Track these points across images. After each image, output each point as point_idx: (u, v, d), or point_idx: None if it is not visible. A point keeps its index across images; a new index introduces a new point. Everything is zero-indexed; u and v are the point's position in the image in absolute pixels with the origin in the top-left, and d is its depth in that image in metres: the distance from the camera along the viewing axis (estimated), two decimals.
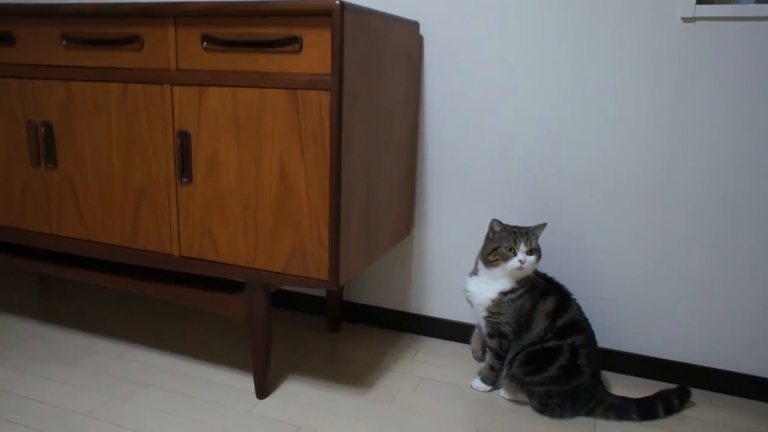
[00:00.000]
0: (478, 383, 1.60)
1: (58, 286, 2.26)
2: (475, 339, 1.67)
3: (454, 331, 1.87)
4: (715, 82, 1.48)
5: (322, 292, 2.03)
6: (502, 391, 1.57)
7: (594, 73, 1.58)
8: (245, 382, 1.60)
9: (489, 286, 1.51)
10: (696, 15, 1.45)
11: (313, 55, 1.27)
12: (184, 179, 1.44)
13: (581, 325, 1.48)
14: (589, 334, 1.50)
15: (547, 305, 1.48)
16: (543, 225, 1.52)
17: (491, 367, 1.56)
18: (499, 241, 1.48)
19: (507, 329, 1.50)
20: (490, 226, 1.52)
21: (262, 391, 1.53)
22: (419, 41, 1.70)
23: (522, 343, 1.49)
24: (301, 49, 1.28)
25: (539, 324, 1.47)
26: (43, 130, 1.57)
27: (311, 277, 1.38)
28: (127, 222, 1.53)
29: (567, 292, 1.53)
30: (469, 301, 1.57)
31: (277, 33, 1.29)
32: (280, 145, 1.34)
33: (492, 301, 1.50)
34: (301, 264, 1.38)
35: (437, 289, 1.88)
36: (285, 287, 2.07)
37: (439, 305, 1.89)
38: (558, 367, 1.44)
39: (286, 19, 1.27)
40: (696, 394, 1.59)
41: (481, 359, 1.65)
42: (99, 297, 2.16)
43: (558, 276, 1.58)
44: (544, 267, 1.58)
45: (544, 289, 1.50)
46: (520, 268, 1.45)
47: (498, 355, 1.54)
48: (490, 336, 1.53)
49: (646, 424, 1.47)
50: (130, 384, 1.57)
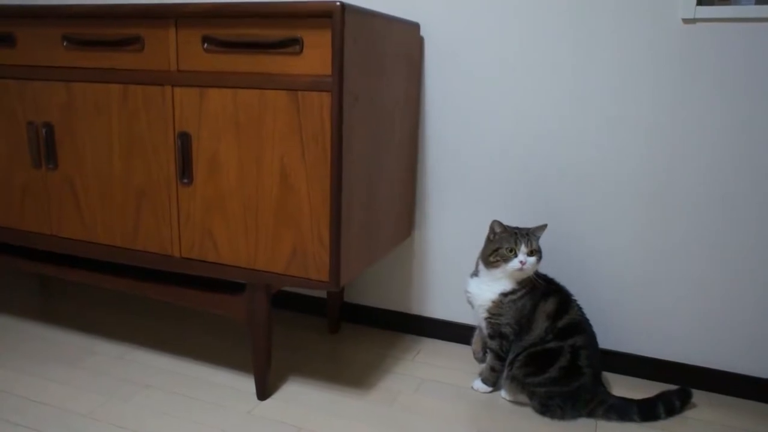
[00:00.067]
0: (478, 384, 1.60)
1: (58, 287, 2.26)
2: (475, 340, 1.67)
3: (455, 332, 1.87)
4: (715, 83, 1.48)
5: (322, 294, 2.03)
6: (503, 392, 1.57)
7: (594, 74, 1.58)
8: (246, 384, 1.60)
9: (490, 287, 1.50)
10: (696, 16, 1.45)
11: (314, 56, 1.27)
12: (185, 180, 1.44)
13: (582, 326, 1.48)
14: (590, 335, 1.50)
15: (548, 306, 1.48)
16: (544, 226, 1.52)
17: (492, 368, 1.56)
18: (500, 242, 1.48)
19: (508, 330, 1.50)
20: (491, 228, 1.52)
21: (263, 392, 1.53)
22: (420, 42, 1.70)
23: (523, 344, 1.49)
24: (301, 51, 1.28)
25: (540, 325, 1.47)
26: (43, 131, 1.57)
27: (312, 279, 1.38)
28: (128, 223, 1.53)
29: (568, 293, 1.53)
30: (469, 302, 1.57)
31: (277, 34, 1.29)
32: (280, 146, 1.33)
33: (493, 302, 1.50)
34: (302, 265, 1.38)
35: (438, 290, 1.88)
36: (286, 288, 2.07)
37: (439, 306, 1.89)
38: (559, 368, 1.44)
39: (286, 20, 1.27)
40: (697, 395, 1.58)
41: (482, 360, 1.65)
42: (99, 298, 2.16)
43: (558, 276, 1.58)
44: (545, 268, 1.58)
45: (544, 290, 1.50)
46: (520, 269, 1.45)
47: (499, 356, 1.54)
48: (491, 337, 1.53)
49: (647, 425, 1.47)
50: (131, 385, 1.57)
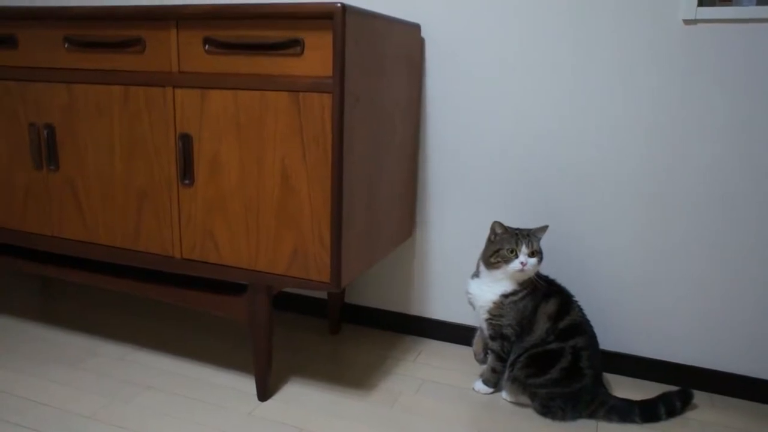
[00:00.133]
0: (480, 385, 1.60)
1: (59, 288, 2.26)
2: (476, 341, 1.67)
3: (456, 333, 1.87)
4: (715, 83, 1.48)
5: (323, 295, 2.03)
6: (504, 394, 1.57)
7: (594, 74, 1.58)
8: (247, 385, 1.60)
9: (491, 288, 1.50)
10: (697, 17, 1.45)
11: (315, 57, 1.27)
12: (186, 181, 1.44)
13: (583, 327, 1.48)
14: (591, 336, 1.49)
15: (549, 307, 1.48)
16: (545, 227, 1.52)
17: (493, 370, 1.56)
18: (501, 243, 1.48)
19: (509, 331, 1.50)
20: (492, 228, 1.52)
21: (264, 393, 1.53)
22: (421, 43, 1.70)
23: (524, 345, 1.49)
24: (302, 52, 1.28)
25: (541, 326, 1.47)
26: (45, 132, 1.57)
27: (313, 279, 1.38)
28: (129, 224, 1.54)
29: (569, 294, 1.53)
30: (470, 304, 1.57)
31: (278, 36, 1.29)
32: (281, 148, 1.34)
33: (494, 303, 1.50)
34: (303, 266, 1.38)
35: (439, 291, 1.88)
36: (287, 289, 2.07)
37: (440, 307, 1.89)
38: (560, 369, 1.44)
39: (287, 21, 1.28)
40: (698, 395, 1.58)
41: (483, 361, 1.65)
42: (101, 299, 2.16)
43: (558, 276, 1.58)
44: (545, 268, 1.58)
45: (545, 292, 1.50)
46: (521, 270, 1.45)
47: (500, 358, 1.54)
48: (492, 338, 1.53)
49: (648, 426, 1.47)
50: (132, 386, 1.57)
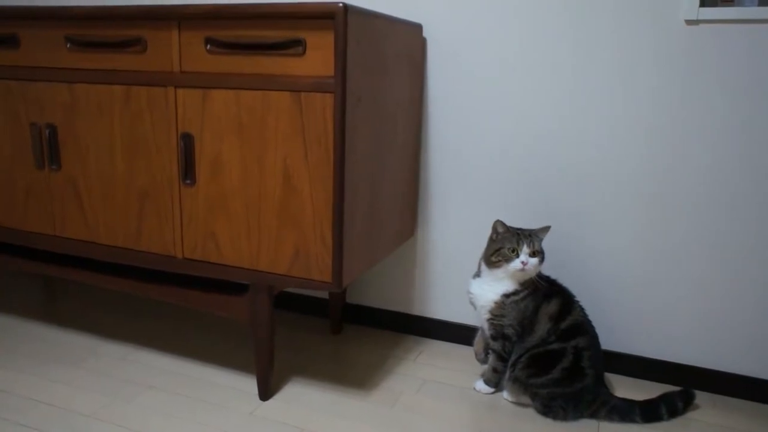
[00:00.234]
0: (481, 385, 1.60)
1: (61, 288, 2.26)
2: (477, 341, 1.67)
3: (458, 333, 1.87)
4: (716, 84, 1.48)
5: (325, 294, 2.03)
6: (505, 394, 1.57)
7: (594, 74, 1.58)
8: (248, 384, 1.60)
9: (492, 288, 1.50)
10: (699, 17, 1.45)
11: (317, 57, 1.27)
12: (188, 181, 1.44)
13: (585, 328, 1.48)
14: (593, 337, 1.49)
15: (551, 307, 1.48)
16: (547, 228, 1.52)
17: (494, 369, 1.56)
18: (502, 242, 1.48)
19: (510, 331, 1.50)
20: (494, 227, 1.52)
21: (265, 393, 1.53)
22: (422, 43, 1.70)
23: (525, 345, 1.49)
24: (304, 52, 1.28)
25: (542, 326, 1.47)
26: (46, 132, 1.57)
27: (314, 279, 1.38)
28: (131, 224, 1.54)
29: (570, 294, 1.53)
30: (472, 303, 1.57)
31: (280, 36, 1.29)
32: (283, 147, 1.34)
33: (495, 303, 1.50)
34: (305, 266, 1.38)
35: (440, 291, 1.88)
36: (288, 289, 2.07)
37: (442, 307, 1.89)
38: (561, 370, 1.44)
39: (289, 21, 1.28)
40: (699, 396, 1.58)
41: (484, 361, 1.65)
42: (102, 299, 2.16)
43: (558, 276, 1.58)
44: (545, 268, 1.58)
45: (547, 292, 1.50)
46: (522, 270, 1.45)
47: (501, 357, 1.54)
48: (494, 338, 1.53)
49: (650, 426, 1.47)
50: (134, 386, 1.57)
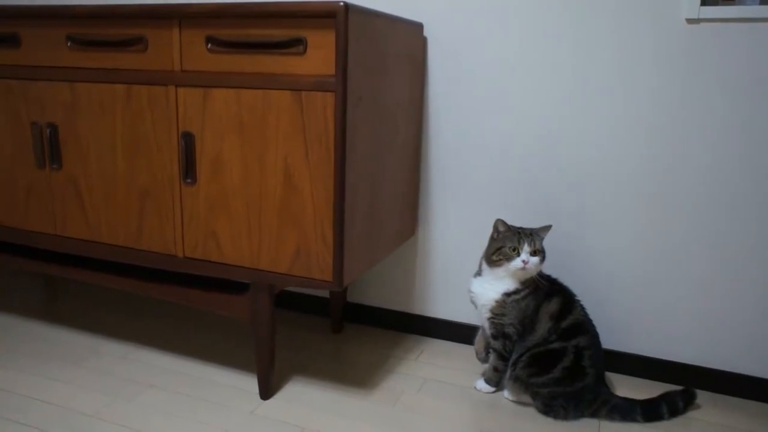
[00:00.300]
0: (481, 384, 1.60)
1: (61, 287, 2.27)
2: (478, 340, 1.68)
3: (458, 332, 1.87)
4: (716, 83, 1.48)
5: (325, 293, 2.03)
6: (506, 393, 1.57)
7: (594, 74, 1.58)
8: (249, 383, 1.60)
9: (493, 287, 1.51)
10: (700, 16, 1.45)
11: (318, 56, 1.27)
12: (189, 180, 1.44)
13: (585, 327, 1.48)
14: (594, 336, 1.50)
15: (552, 307, 1.48)
16: (548, 227, 1.52)
17: (495, 369, 1.56)
18: (503, 241, 1.48)
19: (511, 330, 1.50)
20: (495, 226, 1.52)
21: (266, 392, 1.53)
22: (423, 42, 1.70)
23: (526, 344, 1.49)
24: (305, 51, 1.28)
25: (543, 325, 1.47)
26: (48, 131, 1.57)
27: (315, 278, 1.38)
28: (132, 223, 1.54)
29: (571, 293, 1.53)
30: (473, 302, 1.57)
31: (281, 34, 1.29)
32: (284, 146, 1.34)
33: (496, 302, 1.50)
34: (305, 265, 1.38)
35: (441, 290, 1.88)
36: (289, 288, 2.07)
37: (442, 306, 1.89)
38: (562, 369, 1.44)
39: (290, 20, 1.28)
40: (700, 395, 1.58)
41: (484, 360, 1.65)
42: (103, 298, 2.16)
43: (558, 276, 1.58)
44: (546, 267, 1.58)
45: (548, 291, 1.50)
46: (523, 269, 1.45)
47: (502, 357, 1.54)
48: (494, 337, 1.53)
49: (650, 425, 1.47)
50: (135, 385, 1.57)
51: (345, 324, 2.00)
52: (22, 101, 1.59)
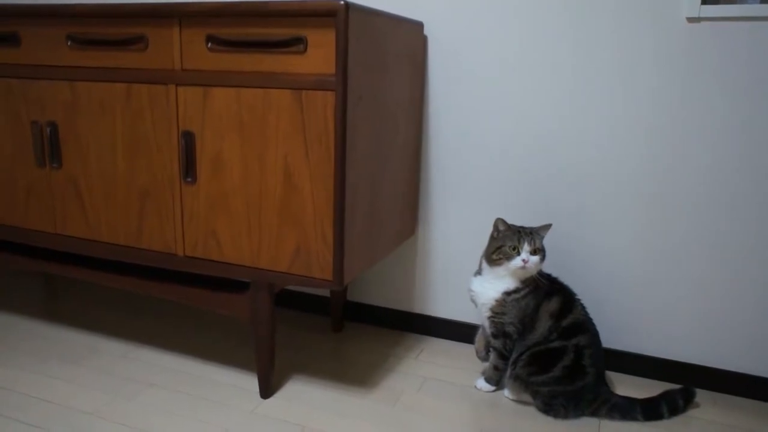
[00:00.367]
0: (482, 383, 1.60)
1: (62, 286, 2.27)
2: (478, 339, 1.68)
3: (459, 331, 1.88)
4: (717, 83, 1.48)
5: (326, 292, 2.03)
6: (506, 392, 1.57)
7: (594, 74, 1.58)
8: (249, 382, 1.60)
9: (493, 286, 1.51)
10: (701, 15, 1.45)
11: (318, 55, 1.27)
12: (189, 179, 1.44)
13: (586, 326, 1.48)
14: (594, 335, 1.50)
15: (552, 305, 1.48)
16: (548, 226, 1.52)
17: (495, 367, 1.56)
18: (503, 240, 1.48)
19: (511, 329, 1.50)
20: (495, 225, 1.52)
21: (267, 390, 1.53)
22: (423, 41, 1.70)
23: (526, 343, 1.49)
24: (305, 50, 1.28)
25: (543, 324, 1.47)
26: (48, 130, 1.57)
27: (315, 277, 1.38)
28: (132, 222, 1.54)
29: (571, 292, 1.53)
30: (473, 301, 1.57)
31: (281, 33, 1.29)
32: (284, 145, 1.34)
33: (496, 300, 1.50)
34: (305, 264, 1.38)
35: (441, 289, 1.88)
36: (289, 287, 2.07)
37: (442, 305, 1.89)
38: (562, 368, 1.44)
39: (290, 19, 1.28)
40: (700, 394, 1.58)
41: (485, 359, 1.65)
42: (103, 297, 2.16)
43: (558, 275, 1.58)
44: (546, 267, 1.58)
45: (548, 290, 1.50)
46: (523, 268, 1.45)
47: (502, 355, 1.54)
48: (495, 336, 1.53)
49: (651, 424, 1.47)
50: (135, 383, 1.57)
51: (345, 323, 2.00)
52: (23, 100, 1.59)
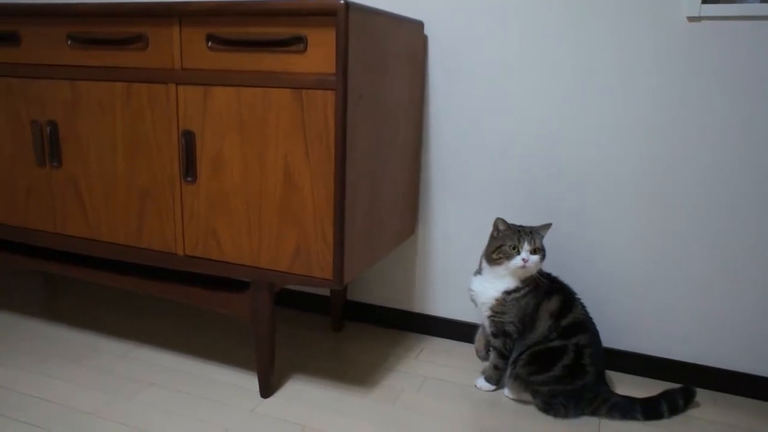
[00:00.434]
0: (482, 383, 1.60)
1: (62, 285, 2.27)
2: (478, 338, 1.68)
3: (458, 330, 1.88)
4: (717, 82, 1.48)
5: (326, 292, 2.03)
6: (506, 391, 1.57)
7: (594, 74, 1.58)
8: (249, 382, 1.60)
9: (493, 285, 1.51)
10: (701, 14, 1.45)
11: (318, 54, 1.27)
12: (189, 178, 1.44)
13: (586, 325, 1.48)
14: (594, 334, 1.50)
15: (552, 305, 1.48)
16: (548, 225, 1.52)
17: (495, 367, 1.56)
18: (503, 240, 1.48)
19: (511, 328, 1.50)
20: (495, 225, 1.52)
21: (267, 390, 1.53)
22: (423, 41, 1.70)
23: (526, 342, 1.49)
24: (305, 49, 1.28)
25: (544, 323, 1.47)
26: (48, 129, 1.57)
27: (315, 277, 1.38)
28: (132, 221, 1.54)
29: (571, 291, 1.53)
30: (473, 301, 1.57)
31: (282, 32, 1.29)
32: (284, 145, 1.34)
33: (496, 300, 1.50)
34: (305, 263, 1.38)
35: (441, 289, 1.88)
36: (289, 286, 2.07)
37: (443, 305, 1.89)
38: (562, 367, 1.44)
39: (291, 18, 1.28)
40: (700, 393, 1.58)
41: (485, 358, 1.65)
42: (103, 296, 2.16)
43: (558, 275, 1.58)
44: (546, 265, 1.58)
45: (548, 289, 1.50)
46: (523, 267, 1.45)
47: (502, 355, 1.54)
48: (495, 335, 1.53)
49: (651, 423, 1.47)
50: (135, 383, 1.57)
51: (345, 322, 2.00)
52: (23, 99, 1.59)
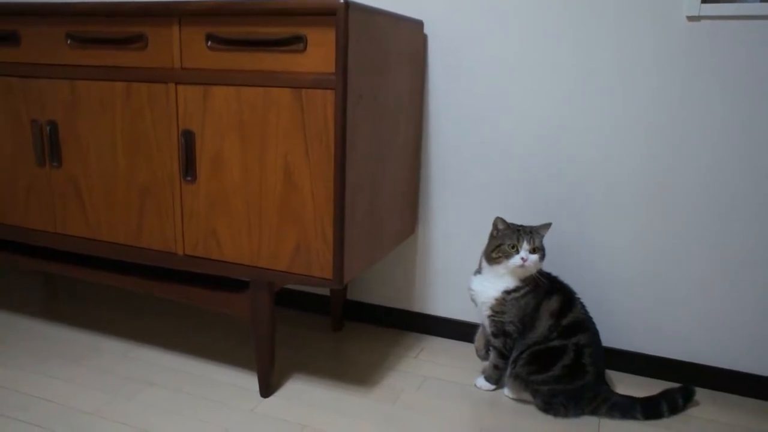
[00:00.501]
0: (482, 382, 1.60)
1: (62, 285, 2.27)
2: (478, 338, 1.68)
3: (458, 330, 1.88)
4: (717, 82, 1.48)
5: (326, 291, 2.03)
6: (506, 390, 1.57)
7: (594, 74, 1.58)
8: (249, 381, 1.60)
9: (493, 285, 1.51)
10: (701, 14, 1.45)
11: (318, 54, 1.27)
12: (189, 178, 1.44)
13: (586, 325, 1.48)
14: (594, 334, 1.50)
15: (552, 304, 1.48)
16: (548, 225, 1.52)
17: (495, 366, 1.56)
18: (503, 239, 1.48)
19: (511, 328, 1.50)
20: (494, 224, 1.52)
21: (266, 390, 1.53)
22: (423, 40, 1.70)
23: (526, 342, 1.49)
24: (305, 49, 1.28)
25: (544, 323, 1.47)
26: (47, 129, 1.57)
27: (315, 276, 1.38)
28: (132, 221, 1.54)
29: (571, 291, 1.53)
30: (473, 300, 1.57)
31: (281, 32, 1.29)
32: (284, 144, 1.34)
33: (496, 299, 1.50)
34: (305, 263, 1.38)
35: (441, 288, 1.88)
36: (289, 286, 2.07)
37: (442, 304, 1.89)
38: (562, 366, 1.44)
39: (290, 18, 1.28)
40: (700, 393, 1.58)
41: (484, 358, 1.65)
42: (103, 296, 2.16)
43: (558, 274, 1.58)
44: (547, 265, 1.58)
45: (548, 289, 1.51)
46: (522, 266, 1.45)
47: (502, 354, 1.54)
48: (495, 335, 1.53)
49: (650, 423, 1.47)
50: (135, 383, 1.57)
51: (345, 322, 2.00)
52: (22, 99, 1.59)
